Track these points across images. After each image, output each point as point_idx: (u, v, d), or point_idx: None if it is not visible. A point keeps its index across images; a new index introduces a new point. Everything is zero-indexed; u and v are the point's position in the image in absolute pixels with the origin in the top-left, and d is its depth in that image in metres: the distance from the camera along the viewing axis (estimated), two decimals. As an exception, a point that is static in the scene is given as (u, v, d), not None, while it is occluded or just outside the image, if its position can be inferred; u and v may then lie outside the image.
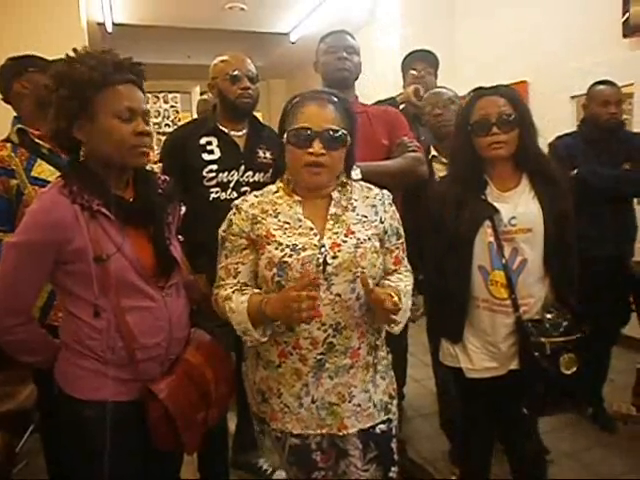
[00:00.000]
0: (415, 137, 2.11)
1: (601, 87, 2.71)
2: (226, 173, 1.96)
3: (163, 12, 5.37)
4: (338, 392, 1.34)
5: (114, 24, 5.44)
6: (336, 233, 1.32)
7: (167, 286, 1.35)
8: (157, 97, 6.13)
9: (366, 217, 1.37)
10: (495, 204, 1.58)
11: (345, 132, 1.32)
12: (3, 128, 1.90)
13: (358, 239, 1.32)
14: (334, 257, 1.28)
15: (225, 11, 5.35)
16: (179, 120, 6.17)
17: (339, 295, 1.29)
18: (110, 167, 1.29)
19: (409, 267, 1.47)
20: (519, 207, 1.58)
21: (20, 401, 1.75)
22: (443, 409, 2.51)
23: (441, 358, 1.75)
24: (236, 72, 1.98)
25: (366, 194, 1.43)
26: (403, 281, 1.41)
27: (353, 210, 1.37)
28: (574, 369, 1.50)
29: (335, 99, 1.36)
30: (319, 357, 1.31)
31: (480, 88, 1.68)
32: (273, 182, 1.83)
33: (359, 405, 1.36)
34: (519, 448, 1.73)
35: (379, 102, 2.53)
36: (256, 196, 1.40)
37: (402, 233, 1.45)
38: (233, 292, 1.34)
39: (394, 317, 1.27)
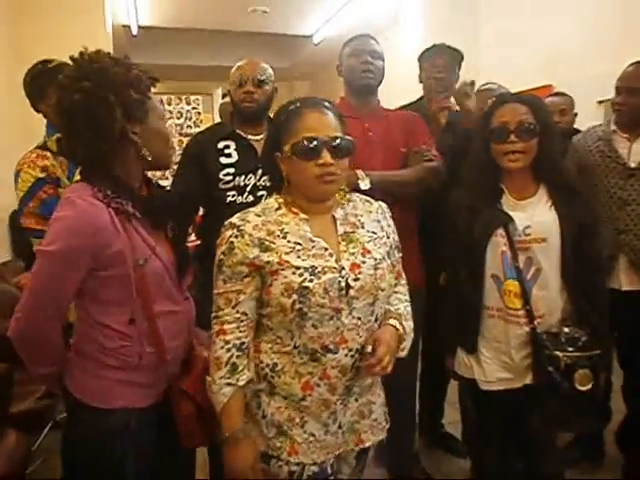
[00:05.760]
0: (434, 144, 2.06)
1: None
2: (243, 177, 1.96)
3: (187, 15, 5.43)
4: (361, 411, 1.31)
5: (139, 27, 5.51)
6: (352, 254, 1.25)
7: (185, 288, 1.37)
8: (180, 99, 6.15)
9: (375, 234, 1.31)
10: (510, 213, 1.55)
11: (350, 140, 1.26)
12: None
13: (375, 259, 1.26)
14: (356, 279, 1.22)
15: (248, 14, 5.38)
16: (201, 121, 6.22)
17: (359, 319, 1.23)
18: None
19: (404, 275, 1.43)
20: (535, 216, 1.55)
21: (34, 400, 1.78)
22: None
23: (456, 368, 1.72)
24: (242, 76, 1.99)
25: (368, 208, 1.36)
26: (402, 301, 1.38)
27: (362, 227, 1.31)
28: (589, 386, 1.45)
29: (329, 105, 1.29)
30: (347, 383, 1.25)
31: (501, 95, 1.65)
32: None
33: (376, 419, 1.34)
34: (535, 466, 1.68)
35: (404, 107, 2.46)
36: (258, 215, 1.26)
37: (399, 245, 1.40)
38: (229, 352, 1.22)
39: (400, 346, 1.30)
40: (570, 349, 1.46)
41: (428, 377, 2.48)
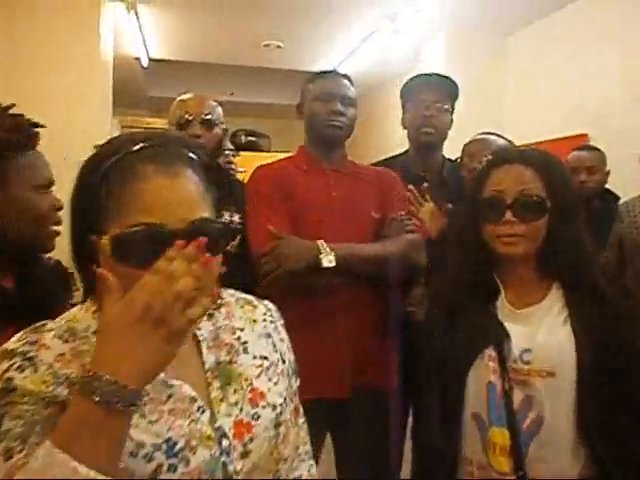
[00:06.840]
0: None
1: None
2: None
3: (198, 48, 5.23)
4: None
5: (150, 59, 5.32)
6: (235, 404, 0.74)
7: None
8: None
9: (266, 359, 0.82)
10: (505, 324, 1.06)
11: (225, 223, 0.78)
12: None
13: (274, 407, 0.77)
14: (245, 454, 0.71)
15: (262, 49, 5.12)
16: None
17: None
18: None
19: (301, 409, 0.90)
20: (539, 335, 1.03)
21: None
22: None
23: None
24: (185, 117, 1.62)
25: (251, 315, 0.85)
26: (304, 459, 0.86)
27: (245, 351, 0.80)
28: None
29: (190, 154, 0.73)
30: None
31: (500, 151, 1.20)
32: (241, 253, 1.41)
33: None
34: None
35: (385, 160, 2.02)
36: (64, 339, 0.70)
37: (296, 365, 0.90)
38: None
39: None
40: None
41: None
